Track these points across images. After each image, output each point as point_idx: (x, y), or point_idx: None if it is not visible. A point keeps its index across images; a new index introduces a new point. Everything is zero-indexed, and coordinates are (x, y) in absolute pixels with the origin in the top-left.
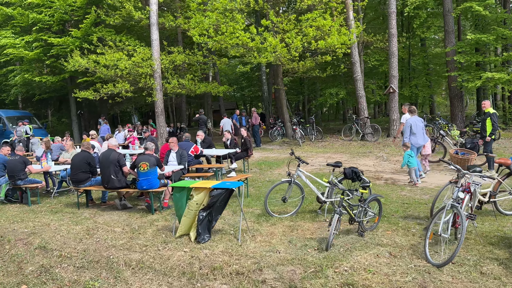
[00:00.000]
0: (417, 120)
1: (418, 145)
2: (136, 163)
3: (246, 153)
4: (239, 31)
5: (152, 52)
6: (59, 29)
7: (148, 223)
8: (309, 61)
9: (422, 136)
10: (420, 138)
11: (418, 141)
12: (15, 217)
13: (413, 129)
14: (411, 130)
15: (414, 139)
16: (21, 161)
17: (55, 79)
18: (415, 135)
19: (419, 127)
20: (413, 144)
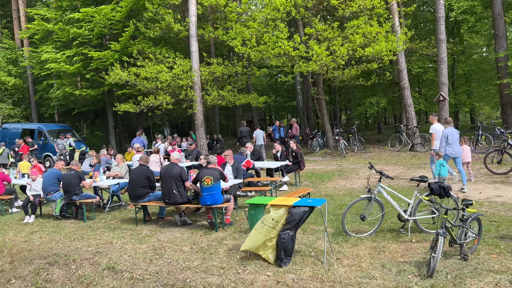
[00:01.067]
0: (453, 131)
1: (453, 155)
2: (199, 177)
3: (298, 166)
4: (282, 40)
5: (192, 63)
6: (98, 43)
7: (216, 241)
8: (354, 69)
9: (458, 146)
10: (456, 149)
11: (454, 152)
12: (74, 234)
13: (449, 140)
14: (447, 141)
15: (449, 150)
16: (76, 176)
17: (94, 92)
18: (451, 145)
19: (455, 138)
20: (449, 154)
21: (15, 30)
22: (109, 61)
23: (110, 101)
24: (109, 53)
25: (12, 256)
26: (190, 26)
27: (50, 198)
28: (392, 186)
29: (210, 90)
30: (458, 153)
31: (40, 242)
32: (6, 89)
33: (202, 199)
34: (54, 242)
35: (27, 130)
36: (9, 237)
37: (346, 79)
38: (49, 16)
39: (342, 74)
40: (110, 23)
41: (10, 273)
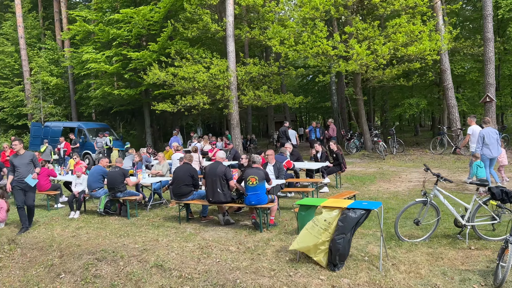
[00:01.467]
0: (491, 132)
1: (491, 156)
2: (244, 176)
3: (340, 168)
4: (321, 39)
5: (228, 63)
6: (136, 44)
7: (262, 242)
8: (395, 69)
9: (496, 147)
10: (494, 150)
11: (491, 153)
12: (119, 231)
13: (486, 140)
14: (484, 141)
15: (487, 151)
16: (121, 173)
17: (132, 92)
18: (488, 146)
19: (493, 138)
20: (486, 155)
21: (56, 31)
22: (147, 61)
23: (147, 101)
24: (147, 54)
25: (61, 251)
26: (227, 26)
27: (95, 195)
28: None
29: (246, 90)
30: (495, 155)
31: (87, 237)
32: (48, 88)
33: (247, 198)
34: (101, 238)
35: (67, 128)
36: (57, 232)
37: (386, 79)
38: (89, 18)
39: (382, 74)
40: (148, 23)
41: (60, 267)
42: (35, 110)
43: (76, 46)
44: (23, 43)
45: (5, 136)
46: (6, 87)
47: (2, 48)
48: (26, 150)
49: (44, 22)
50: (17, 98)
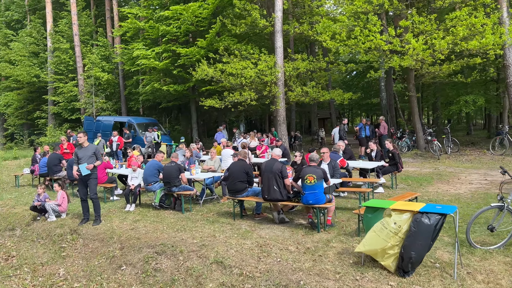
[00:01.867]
0: None
1: None
2: (301, 175)
3: (396, 168)
4: (374, 34)
5: (276, 59)
6: (184, 40)
7: (321, 243)
8: (453, 64)
9: None
10: None
11: None
12: (175, 225)
13: None
14: None
15: None
16: (176, 168)
17: (180, 88)
18: None
19: None
20: None
21: (107, 28)
22: (196, 57)
23: (194, 97)
24: (196, 50)
25: (122, 243)
26: (276, 22)
27: (150, 189)
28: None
29: (293, 86)
30: None
31: (145, 231)
32: (100, 84)
33: (304, 197)
34: (158, 232)
35: (118, 122)
36: (116, 224)
37: (443, 75)
38: (140, 15)
39: (439, 70)
40: (197, 20)
41: (121, 259)
42: (88, 104)
43: (127, 43)
44: (77, 40)
45: (60, 129)
46: (61, 83)
47: (58, 45)
48: (90, 143)
49: (96, 20)
50: (71, 93)
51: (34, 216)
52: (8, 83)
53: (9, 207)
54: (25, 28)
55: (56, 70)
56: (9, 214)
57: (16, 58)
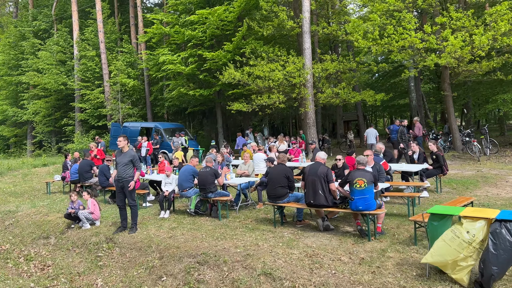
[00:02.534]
0: None
1: None
2: (349, 179)
3: (441, 170)
4: (409, 31)
5: (304, 60)
6: (210, 45)
7: (376, 253)
8: (495, 61)
9: None
10: None
11: None
12: (214, 233)
13: None
14: None
15: None
16: (211, 173)
17: (206, 92)
18: None
19: None
20: None
21: (132, 35)
22: (222, 61)
23: (219, 101)
24: (222, 54)
25: (161, 252)
26: (304, 23)
27: (185, 194)
28: None
29: (323, 88)
30: None
31: (184, 239)
32: (125, 90)
33: (353, 203)
34: (198, 240)
35: (145, 128)
36: (152, 232)
37: (481, 73)
38: (165, 20)
39: (478, 67)
40: (222, 24)
41: (160, 269)
42: (114, 111)
43: (152, 49)
44: (103, 47)
45: (87, 136)
46: (88, 90)
47: (85, 52)
48: (130, 148)
49: (121, 27)
50: (98, 100)
51: (68, 224)
52: (36, 91)
53: (43, 215)
54: (52, 37)
55: (83, 77)
56: (43, 222)
57: (44, 67)
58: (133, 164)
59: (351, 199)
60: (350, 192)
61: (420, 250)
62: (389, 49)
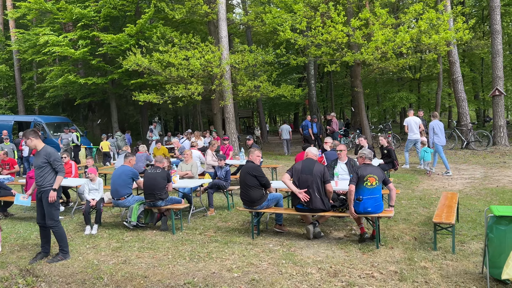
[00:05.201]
0: (439, 123)
1: (441, 144)
2: (359, 175)
3: (392, 165)
4: (337, 25)
5: (222, 50)
6: (105, 27)
7: (403, 263)
8: (410, 59)
9: (443, 137)
10: (442, 138)
11: (439, 141)
12: (180, 251)
13: (435, 131)
14: (434, 131)
15: (436, 139)
16: (163, 176)
17: (101, 81)
18: (437, 135)
19: (440, 129)
20: (436, 142)
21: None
22: (124, 46)
23: (115, 91)
24: (124, 37)
25: (120, 286)
26: (220, 9)
27: (123, 204)
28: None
29: (244, 80)
30: (443, 142)
31: (146, 263)
32: None
33: (361, 204)
34: (168, 264)
35: (19, 122)
36: (92, 256)
37: (395, 70)
38: None
39: (394, 65)
40: (121, 3)
41: None
42: None
43: (26, 28)
44: None
45: None
46: None
47: None
48: (44, 147)
49: None
50: None
51: None
52: None
53: None
54: None
55: None
56: None
57: None
58: (51, 166)
59: (359, 199)
60: (358, 190)
61: (448, 256)
62: (313, 41)
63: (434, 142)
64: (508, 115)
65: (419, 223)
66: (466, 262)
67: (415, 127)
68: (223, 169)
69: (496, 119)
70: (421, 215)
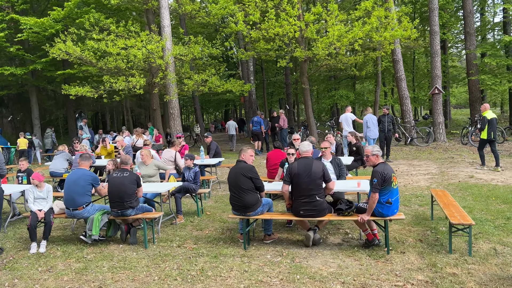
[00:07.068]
0: (372, 118)
1: (372, 137)
2: (386, 176)
3: (361, 162)
4: (291, 18)
5: (165, 41)
6: (24, 9)
7: (429, 271)
8: (360, 57)
9: (376, 130)
10: (374, 131)
11: (372, 134)
12: (165, 270)
13: (368, 124)
14: (367, 125)
15: (369, 132)
16: (131, 180)
17: (20, 71)
18: (370, 129)
19: (373, 123)
20: (369, 136)
21: None
22: (49, 31)
23: (37, 84)
24: (48, 22)
25: None
26: None
27: (81, 214)
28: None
29: (190, 73)
30: (375, 135)
31: None
32: None
33: (391, 208)
34: None
35: None
36: (60, 285)
37: (343, 67)
38: None
39: (345, 62)
40: None
41: None
42: None
43: None
44: None
45: None
46: None
47: None
48: None
49: None
50: None
51: None
52: None
53: None
54: None
55: None
56: None
57: None
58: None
59: (388, 203)
60: (385, 193)
61: (469, 259)
62: (265, 35)
63: (366, 135)
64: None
65: (410, 223)
66: (489, 265)
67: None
68: (192, 170)
69: (435, 116)
70: (407, 214)
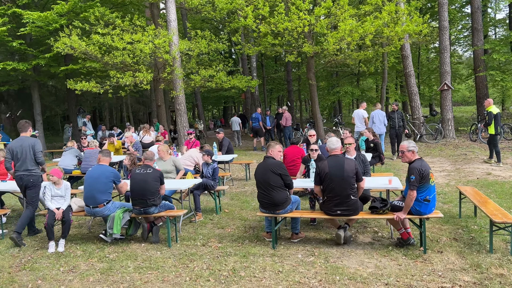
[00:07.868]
0: (379, 113)
1: (378, 132)
2: (424, 172)
3: (379, 159)
4: (301, 12)
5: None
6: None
7: (490, 272)
8: (370, 52)
9: (382, 126)
10: (380, 127)
11: (378, 129)
12: (197, 271)
13: (374, 120)
14: (373, 120)
15: (375, 128)
16: (155, 177)
17: (22, 66)
18: (376, 124)
19: (380, 119)
20: (375, 131)
21: None
22: (53, 26)
23: (39, 79)
24: (52, 16)
25: None
26: None
27: (101, 212)
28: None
29: (196, 69)
30: (380, 131)
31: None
32: None
33: (429, 205)
34: None
35: None
36: (87, 286)
37: (352, 63)
38: None
39: (355, 58)
40: None
41: None
42: None
43: None
44: None
45: None
46: None
47: None
48: None
49: None
50: None
51: None
52: None
53: None
54: None
55: None
56: None
57: None
58: None
59: (426, 200)
60: (423, 191)
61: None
62: (273, 30)
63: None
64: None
65: (439, 221)
66: None
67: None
68: (210, 166)
69: (444, 113)
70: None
